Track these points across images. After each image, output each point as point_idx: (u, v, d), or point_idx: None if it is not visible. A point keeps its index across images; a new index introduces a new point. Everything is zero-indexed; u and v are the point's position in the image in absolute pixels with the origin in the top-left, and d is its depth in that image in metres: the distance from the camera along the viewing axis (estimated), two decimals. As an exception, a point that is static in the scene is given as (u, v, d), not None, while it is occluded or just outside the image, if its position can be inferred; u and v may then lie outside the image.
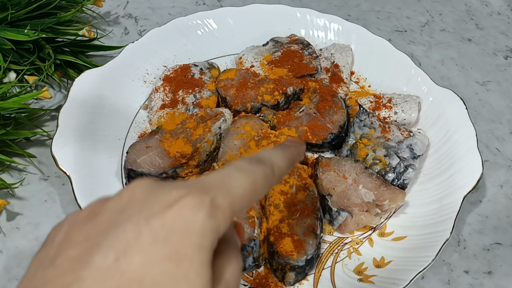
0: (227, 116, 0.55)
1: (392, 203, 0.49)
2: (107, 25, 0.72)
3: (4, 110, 0.52)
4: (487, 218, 0.56)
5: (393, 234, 0.51)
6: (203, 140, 0.52)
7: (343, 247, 0.50)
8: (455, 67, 0.72)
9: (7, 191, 0.53)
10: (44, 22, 0.60)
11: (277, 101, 0.57)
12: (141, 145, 0.51)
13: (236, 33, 0.67)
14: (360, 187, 0.50)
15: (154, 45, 0.63)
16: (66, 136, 0.51)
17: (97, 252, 0.22)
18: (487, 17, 0.81)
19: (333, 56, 0.63)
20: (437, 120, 0.58)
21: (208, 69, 0.60)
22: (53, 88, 0.63)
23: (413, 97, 0.59)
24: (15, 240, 0.50)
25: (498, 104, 0.68)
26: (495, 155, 0.62)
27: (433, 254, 0.46)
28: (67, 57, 0.61)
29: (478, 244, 0.54)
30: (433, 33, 0.77)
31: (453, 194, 0.51)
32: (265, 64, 0.61)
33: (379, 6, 0.80)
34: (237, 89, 0.58)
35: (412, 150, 0.53)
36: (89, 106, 0.55)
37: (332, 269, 0.48)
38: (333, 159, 0.53)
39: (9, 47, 0.57)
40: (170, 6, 0.76)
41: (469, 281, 0.51)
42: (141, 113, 0.58)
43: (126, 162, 0.50)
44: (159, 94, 0.58)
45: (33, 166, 0.56)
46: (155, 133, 0.53)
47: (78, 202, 0.47)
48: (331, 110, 0.57)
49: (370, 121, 0.56)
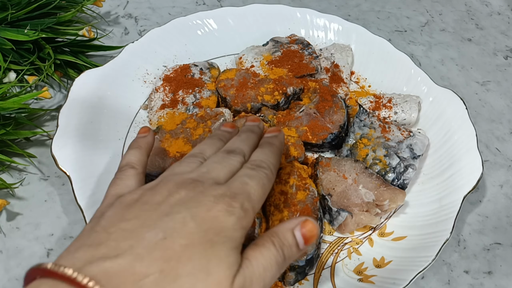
0: (227, 116, 0.55)
1: (392, 203, 0.49)
2: (107, 25, 0.72)
3: (4, 110, 0.52)
4: (487, 218, 0.56)
5: (393, 234, 0.51)
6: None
7: (343, 247, 0.50)
8: (455, 67, 0.72)
9: (7, 191, 0.53)
10: (44, 22, 0.60)
11: (277, 101, 0.57)
12: (141, 145, 0.51)
13: (236, 33, 0.67)
14: (360, 187, 0.50)
15: (154, 45, 0.63)
16: (66, 136, 0.51)
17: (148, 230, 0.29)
18: (487, 17, 0.81)
19: (333, 56, 0.63)
20: (437, 120, 0.58)
21: (208, 69, 0.60)
22: (53, 88, 0.63)
23: (413, 97, 0.59)
24: (15, 240, 0.50)
25: (498, 104, 0.68)
26: (495, 155, 0.62)
27: (433, 254, 0.46)
28: (67, 57, 0.61)
29: (478, 244, 0.54)
30: (433, 33, 0.77)
31: (453, 194, 0.51)
32: (265, 64, 0.61)
33: (379, 6, 0.80)
34: (237, 89, 0.58)
35: (412, 150, 0.53)
36: (89, 106, 0.55)
37: (332, 269, 0.48)
38: (333, 159, 0.53)
39: (9, 47, 0.57)
40: (170, 6, 0.76)
41: (469, 281, 0.51)
42: (141, 113, 0.58)
43: (126, 162, 0.50)
44: (159, 94, 0.58)
45: (33, 166, 0.56)
46: (155, 133, 0.53)
47: (78, 202, 0.47)
48: (331, 110, 0.57)
49: (370, 121, 0.56)
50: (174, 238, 0.28)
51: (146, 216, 0.30)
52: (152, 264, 0.27)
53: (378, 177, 0.51)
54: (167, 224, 0.29)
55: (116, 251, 0.28)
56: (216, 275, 0.28)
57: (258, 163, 0.37)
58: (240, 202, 0.32)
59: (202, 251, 0.28)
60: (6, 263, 0.48)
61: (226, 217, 0.30)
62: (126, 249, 0.28)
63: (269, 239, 0.33)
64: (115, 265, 0.27)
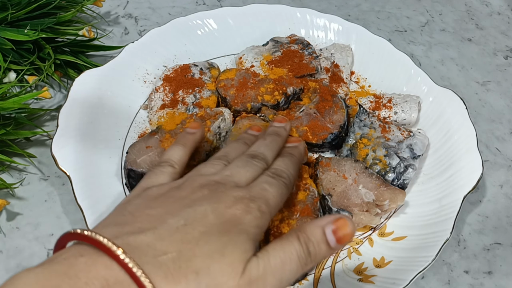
0: (226, 116, 0.55)
1: (392, 203, 0.49)
2: (107, 25, 0.72)
3: (4, 110, 0.52)
4: (487, 218, 0.56)
5: (393, 234, 0.51)
6: (203, 140, 0.52)
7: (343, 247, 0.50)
8: (455, 67, 0.72)
9: (7, 191, 0.53)
10: (44, 22, 0.60)
11: (277, 101, 0.57)
12: (141, 145, 0.51)
13: (236, 33, 0.67)
14: (360, 187, 0.50)
15: (154, 45, 0.63)
16: (66, 136, 0.51)
17: (171, 217, 0.31)
18: (487, 17, 0.81)
19: (333, 56, 0.63)
20: (437, 120, 0.58)
21: (208, 69, 0.60)
22: (53, 88, 0.63)
23: (413, 97, 0.59)
24: (15, 240, 0.50)
25: (498, 104, 0.68)
26: (495, 155, 0.62)
27: (433, 254, 0.46)
28: (67, 57, 0.61)
29: (478, 244, 0.54)
30: (433, 33, 0.77)
31: (453, 194, 0.51)
32: (265, 64, 0.61)
33: (379, 6, 0.80)
34: (237, 89, 0.58)
35: (412, 150, 0.53)
36: (89, 106, 0.55)
37: (332, 269, 0.48)
38: (333, 159, 0.53)
39: (9, 47, 0.57)
40: (170, 6, 0.76)
41: (469, 281, 0.51)
42: (141, 113, 0.58)
43: (126, 162, 0.50)
44: (159, 94, 0.58)
45: (33, 166, 0.56)
46: (155, 133, 0.53)
47: (78, 202, 0.47)
48: (331, 110, 0.57)
49: (370, 121, 0.56)
50: (194, 225, 0.31)
51: (170, 206, 0.33)
52: (171, 244, 0.29)
53: (378, 177, 0.51)
54: (189, 214, 0.31)
55: (140, 230, 0.30)
56: (230, 257, 0.29)
57: (279, 172, 0.39)
58: (257, 204, 0.34)
59: (219, 237, 0.30)
60: (6, 263, 0.48)
61: (244, 215, 0.32)
62: (149, 228, 0.30)
63: (294, 233, 0.32)
64: (138, 240, 0.29)
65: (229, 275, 0.29)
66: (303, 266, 0.32)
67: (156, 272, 0.27)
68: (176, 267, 0.28)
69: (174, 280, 0.28)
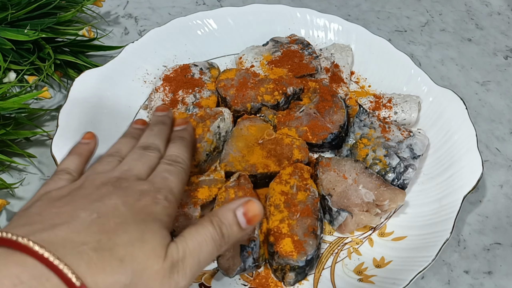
0: (226, 115, 0.55)
1: (392, 203, 0.49)
2: (107, 25, 0.72)
3: (4, 110, 0.52)
4: (487, 218, 0.56)
5: (393, 234, 0.51)
6: (203, 140, 0.52)
7: (343, 247, 0.50)
8: (455, 67, 0.72)
9: (7, 191, 0.53)
10: (44, 22, 0.60)
11: (277, 101, 0.57)
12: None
13: (236, 33, 0.67)
14: (360, 187, 0.50)
15: (154, 45, 0.63)
16: (66, 136, 0.51)
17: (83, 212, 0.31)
18: (487, 17, 0.81)
19: (333, 56, 0.63)
20: (437, 120, 0.58)
21: (208, 69, 0.60)
22: (53, 88, 0.63)
23: (413, 97, 0.59)
24: (15, 240, 0.50)
25: (498, 104, 0.68)
26: (495, 155, 0.62)
27: (433, 254, 0.46)
28: (67, 57, 0.61)
29: (478, 244, 0.54)
30: (433, 33, 0.77)
31: (453, 194, 0.51)
32: (265, 64, 0.61)
33: (379, 6, 0.80)
34: (237, 89, 0.58)
35: (412, 150, 0.53)
36: (89, 106, 0.55)
37: (332, 269, 0.48)
38: (333, 159, 0.53)
39: (9, 47, 0.57)
40: (170, 6, 0.76)
41: (469, 281, 0.51)
42: (141, 113, 0.58)
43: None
44: (159, 94, 0.58)
45: (33, 166, 0.56)
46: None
47: (78, 202, 0.47)
48: (331, 110, 0.57)
49: (370, 121, 0.56)
50: (108, 217, 0.31)
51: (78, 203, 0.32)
52: (89, 235, 0.29)
53: (378, 177, 0.51)
54: (100, 208, 0.32)
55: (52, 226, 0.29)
56: (151, 243, 0.31)
57: (174, 158, 0.40)
58: (164, 195, 0.35)
59: (136, 226, 0.31)
60: (6, 263, 0.48)
61: (153, 206, 0.33)
62: (62, 223, 0.30)
63: (208, 218, 0.34)
64: (52, 235, 0.29)
65: (153, 260, 0.30)
66: (218, 247, 0.34)
67: (77, 263, 0.27)
68: (99, 256, 0.28)
69: (98, 268, 0.28)
